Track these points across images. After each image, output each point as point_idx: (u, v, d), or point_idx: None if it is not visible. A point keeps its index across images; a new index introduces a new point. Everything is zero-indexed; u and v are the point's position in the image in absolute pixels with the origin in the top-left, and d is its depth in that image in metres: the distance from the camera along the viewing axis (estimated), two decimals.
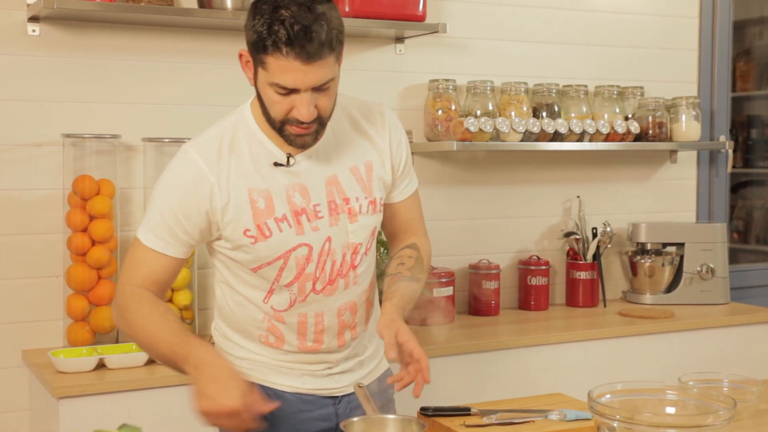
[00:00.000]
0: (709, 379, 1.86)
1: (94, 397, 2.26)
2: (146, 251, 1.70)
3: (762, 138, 4.51)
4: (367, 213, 1.78)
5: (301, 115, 1.61)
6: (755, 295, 3.72)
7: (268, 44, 1.55)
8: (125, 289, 1.70)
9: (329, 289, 1.77)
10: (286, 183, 1.71)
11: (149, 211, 1.72)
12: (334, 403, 1.84)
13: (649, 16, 3.52)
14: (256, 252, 1.71)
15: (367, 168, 1.79)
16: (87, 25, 2.66)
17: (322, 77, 1.59)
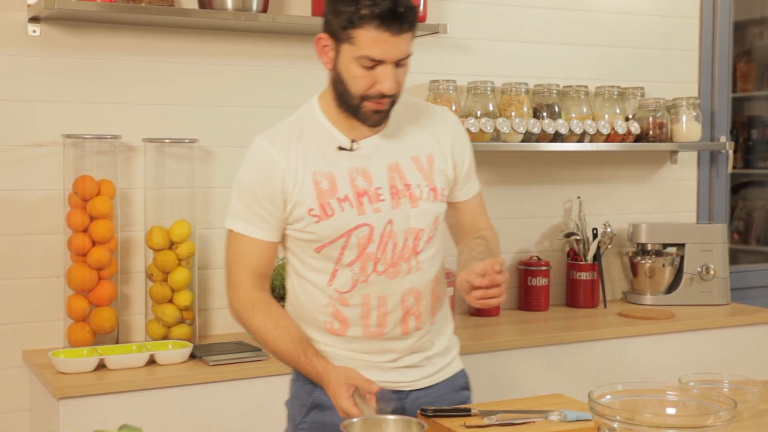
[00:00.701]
0: (709, 379, 1.86)
1: (95, 397, 2.26)
2: (243, 240, 1.83)
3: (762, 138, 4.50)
4: (428, 200, 1.85)
5: (385, 87, 1.73)
6: (756, 296, 3.72)
7: (358, 19, 1.68)
8: (237, 293, 1.84)
9: (391, 271, 1.83)
10: (349, 166, 1.81)
11: (233, 204, 1.85)
12: (401, 398, 1.88)
13: (650, 17, 3.52)
14: (319, 231, 1.79)
15: (428, 159, 1.87)
16: (87, 26, 2.66)
17: (405, 50, 1.74)
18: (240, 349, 2.54)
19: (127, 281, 2.73)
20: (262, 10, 2.72)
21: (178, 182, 2.72)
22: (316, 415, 1.88)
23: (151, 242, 2.65)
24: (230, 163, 2.86)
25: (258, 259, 1.83)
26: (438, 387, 1.93)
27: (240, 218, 1.83)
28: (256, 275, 1.84)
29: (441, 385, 1.94)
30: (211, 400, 2.38)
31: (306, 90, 2.93)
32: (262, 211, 1.81)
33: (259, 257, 1.83)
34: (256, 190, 1.81)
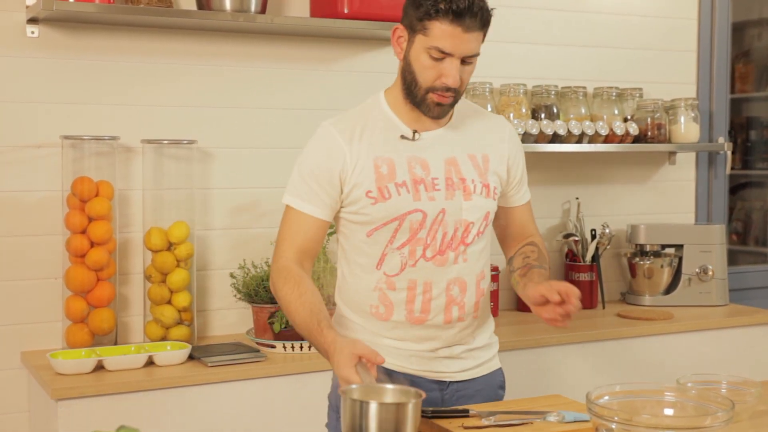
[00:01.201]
0: (707, 380, 1.86)
1: (93, 398, 2.26)
2: (296, 215, 1.90)
3: (761, 139, 4.51)
4: (481, 195, 1.93)
5: (449, 80, 1.82)
6: (754, 297, 3.72)
7: (435, 11, 1.79)
8: (278, 263, 1.90)
9: (439, 259, 1.90)
10: (409, 155, 1.90)
11: (293, 178, 1.93)
12: (441, 389, 1.94)
13: (648, 18, 3.52)
14: (374, 212, 1.87)
15: (484, 159, 1.97)
16: (86, 27, 2.66)
17: (473, 48, 1.84)
18: (238, 350, 2.54)
19: (126, 282, 2.73)
20: (260, 11, 2.72)
21: (176, 183, 2.72)
22: None
23: (150, 243, 2.65)
24: (229, 164, 2.86)
25: (305, 234, 1.90)
26: (478, 381, 1.99)
27: (297, 194, 1.91)
28: (301, 251, 1.90)
29: (481, 379, 2.00)
30: (209, 401, 2.38)
31: (305, 91, 2.95)
32: (319, 190, 1.88)
33: (307, 233, 1.90)
34: (316, 170, 1.89)
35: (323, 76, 2.98)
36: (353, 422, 1.57)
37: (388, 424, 1.56)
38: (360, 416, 1.56)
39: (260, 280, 2.64)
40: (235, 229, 2.88)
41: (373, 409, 1.56)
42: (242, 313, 2.85)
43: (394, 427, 1.56)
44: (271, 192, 2.90)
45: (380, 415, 1.55)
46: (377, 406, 1.56)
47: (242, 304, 2.78)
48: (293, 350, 2.58)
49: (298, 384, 2.48)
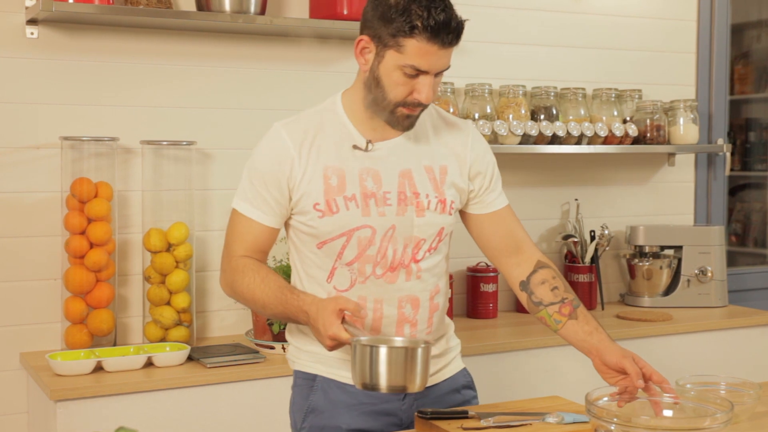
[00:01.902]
0: (706, 381, 1.86)
1: (92, 399, 2.26)
2: (244, 220, 1.84)
3: (760, 141, 4.51)
4: (435, 211, 1.85)
5: (422, 96, 1.75)
6: (753, 298, 3.72)
7: (410, 29, 1.69)
8: (231, 262, 1.84)
9: (389, 276, 1.83)
10: (361, 166, 1.82)
11: (243, 182, 1.85)
12: (400, 399, 1.88)
13: (647, 19, 3.52)
14: (321, 226, 1.80)
15: (441, 171, 1.87)
16: (85, 28, 2.66)
17: (447, 63, 1.77)
18: (237, 352, 2.54)
19: (125, 283, 2.73)
20: (259, 12, 2.72)
21: (175, 184, 2.72)
22: (314, 419, 1.88)
23: (149, 244, 2.65)
24: (228, 165, 2.86)
25: (255, 239, 1.84)
26: (437, 388, 1.93)
27: (245, 199, 1.84)
28: (252, 251, 1.84)
29: (440, 386, 1.94)
30: (208, 402, 2.38)
31: (304, 92, 2.95)
32: (267, 196, 1.82)
33: (256, 238, 1.84)
34: (265, 175, 1.82)
35: (322, 77, 2.98)
36: (363, 369, 1.57)
37: (398, 368, 1.56)
38: (371, 362, 1.56)
39: None
40: None
41: (383, 353, 1.56)
42: (241, 314, 2.85)
43: (403, 371, 1.57)
44: None
45: (391, 358, 1.56)
46: (388, 350, 1.56)
47: (241, 305, 2.77)
48: None
49: None
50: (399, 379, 1.57)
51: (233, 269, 1.83)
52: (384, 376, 1.56)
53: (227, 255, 1.86)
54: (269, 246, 1.87)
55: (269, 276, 1.79)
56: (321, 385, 1.87)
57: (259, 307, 1.80)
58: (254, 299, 1.79)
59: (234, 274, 1.82)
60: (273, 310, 1.78)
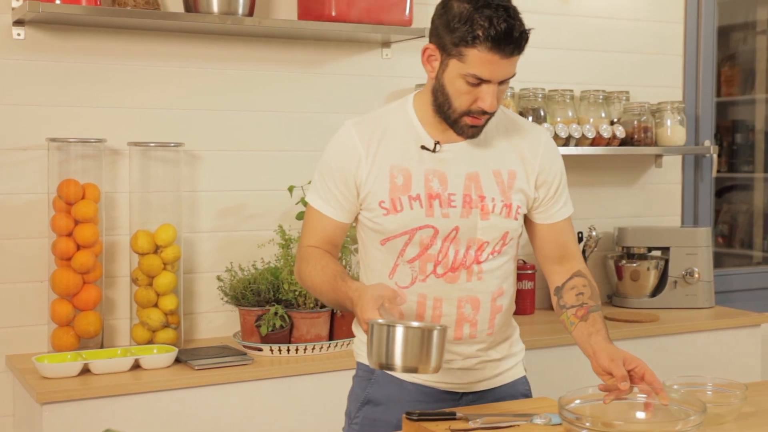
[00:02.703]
0: (693, 382, 1.87)
1: (79, 402, 2.25)
2: (315, 213, 1.89)
3: (746, 143, 4.53)
4: (500, 215, 1.86)
5: (486, 104, 1.75)
6: (739, 299, 3.74)
7: (472, 39, 1.70)
8: (300, 251, 1.91)
9: (450, 276, 1.85)
10: (427, 167, 1.84)
11: (315, 177, 1.91)
12: (454, 400, 1.91)
13: (635, 22, 3.54)
14: (386, 223, 1.83)
15: (510, 175, 1.88)
16: (72, 29, 2.65)
17: (511, 72, 1.77)
18: (225, 354, 2.53)
19: (112, 285, 2.72)
20: (248, 13, 2.71)
21: (163, 186, 2.71)
22: (369, 411, 1.91)
23: (136, 246, 2.64)
24: (216, 166, 2.86)
25: (324, 231, 1.89)
26: (496, 391, 1.95)
27: (317, 194, 1.89)
28: (323, 242, 1.89)
29: (500, 389, 1.96)
30: (196, 404, 2.38)
31: (292, 93, 2.95)
32: (336, 192, 1.86)
33: (325, 231, 1.89)
34: (334, 172, 1.86)
35: (311, 78, 2.98)
36: (379, 349, 1.59)
37: (413, 348, 1.58)
38: (387, 341, 1.58)
39: (247, 283, 2.64)
40: (222, 231, 2.87)
41: (399, 332, 1.58)
42: (229, 316, 2.84)
43: (419, 351, 1.58)
44: (258, 195, 2.90)
45: (406, 338, 1.58)
46: (404, 329, 1.58)
47: (229, 307, 2.77)
48: (280, 353, 2.58)
49: (284, 387, 2.48)
50: (413, 359, 1.59)
51: (301, 258, 1.89)
52: (399, 356, 1.58)
53: (300, 245, 1.92)
54: (340, 239, 1.91)
55: (329, 264, 1.83)
56: (379, 379, 1.91)
57: (318, 293, 1.85)
58: (314, 286, 1.84)
59: (301, 263, 1.88)
60: (328, 297, 1.82)
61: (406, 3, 2.86)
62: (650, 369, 1.74)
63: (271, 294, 2.62)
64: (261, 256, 2.82)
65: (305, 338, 2.60)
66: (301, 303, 2.60)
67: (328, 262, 1.83)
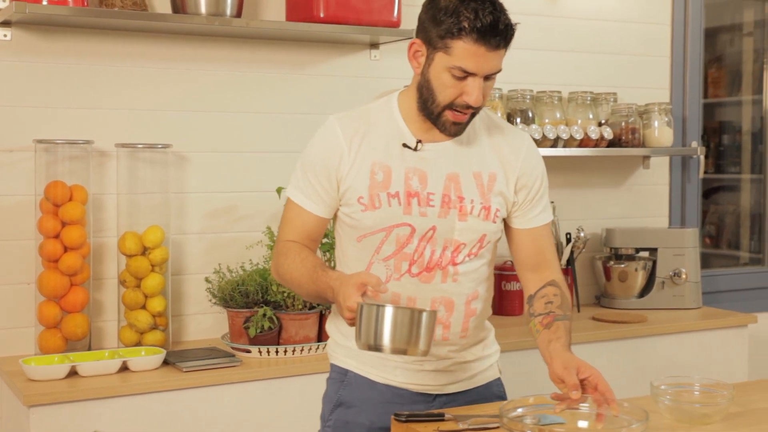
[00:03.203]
0: (681, 383, 1.87)
1: (66, 404, 2.24)
2: (295, 208, 1.88)
3: (733, 144, 4.55)
4: (479, 217, 1.86)
5: (471, 98, 1.75)
6: (727, 300, 3.75)
7: (458, 30, 1.71)
8: (278, 246, 1.90)
9: (425, 276, 1.84)
10: (408, 165, 1.84)
11: (296, 171, 1.90)
12: (427, 401, 1.91)
13: (622, 23, 3.55)
14: (363, 219, 1.83)
15: (490, 178, 1.88)
16: (59, 30, 2.64)
17: (497, 66, 1.79)
18: (213, 355, 2.52)
19: (100, 287, 2.71)
20: (236, 15, 2.71)
21: (151, 188, 2.70)
22: (341, 413, 1.91)
23: (124, 248, 2.63)
24: (204, 168, 2.85)
25: (304, 226, 1.88)
26: (470, 393, 1.95)
27: (298, 188, 1.88)
28: (302, 237, 1.88)
29: (473, 391, 1.96)
30: (184, 406, 2.37)
31: (280, 95, 2.95)
32: (318, 187, 1.85)
33: (305, 225, 1.88)
34: (316, 166, 1.86)
35: (299, 80, 2.97)
36: (368, 329, 1.58)
37: (402, 328, 1.58)
38: (375, 322, 1.58)
39: (235, 284, 2.63)
40: (210, 233, 2.87)
41: (388, 313, 1.58)
42: (217, 317, 2.84)
43: (408, 333, 1.58)
44: (246, 196, 2.90)
45: (395, 319, 1.58)
46: (393, 310, 1.58)
47: (217, 308, 2.77)
48: (269, 355, 2.57)
49: (273, 389, 2.47)
50: (402, 340, 1.59)
51: (279, 252, 1.88)
52: (388, 337, 1.58)
53: (277, 240, 1.91)
54: (319, 234, 1.90)
55: (309, 257, 1.83)
56: (352, 381, 1.91)
57: (296, 286, 1.84)
58: (292, 279, 1.83)
59: (279, 257, 1.87)
60: (307, 289, 1.81)
61: (394, 4, 2.86)
62: (604, 379, 1.74)
63: (260, 295, 2.61)
64: (249, 258, 2.81)
65: (294, 340, 2.60)
66: (289, 304, 2.60)
67: (307, 255, 1.83)
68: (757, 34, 4.22)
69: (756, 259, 4.15)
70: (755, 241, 4.21)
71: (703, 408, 1.77)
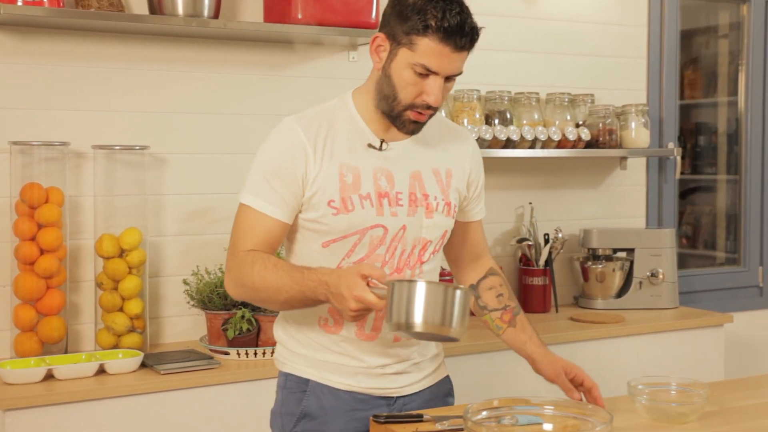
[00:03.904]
0: (657, 382, 1.89)
1: (42, 408, 2.22)
2: (255, 215, 1.78)
3: (709, 145, 4.59)
4: (442, 213, 1.88)
5: (431, 98, 1.75)
6: (703, 300, 3.78)
7: (424, 27, 1.70)
8: (237, 256, 1.77)
9: (396, 276, 1.83)
10: (375, 166, 1.82)
11: (253, 177, 1.80)
12: (389, 404, 1.90)
13: (600, 25, 3.57)
14: (334, 224, 1.79)
15: (447, 174, 1.90)
16: (35, 31, 2.62)
17: (459, 67, 1.77)
18: (191, 358, 2.51)
19: (77, 290, 2.70)
20: (213, 16, 2.70)
21: (128, 190, 2.69)
22: (306, 425, 1.87)
23: (101, 250, 2.61)
24: (182, 170, 2.84)
25: (267, 234, 1.78)
26: (424, 393, 1.95)
27: (256, 194, 1.79)
28: (263, 246, 1.78)
29: (427, 390, 1.96)
30: (162, 409, 2.36)
31: (258, 96, 2.94)
32: (282, 190, 1.78)
33: (269, 233, 1.78)
34: (280, 169, 1.78)
35: (277, 81, 2.97)
36: (399, 308, 1.50)
37: (436, 306, 1.49)
38: (407, 299, 1.50)
39: (214, 286, 2.62)
40: (188, 235, 2.85)
41: (421, 288, 1.50)
42: (195, 319, 2.82)
43: (442, 311, 1.50)
44: (224, 198, 2.89)
45: (429, 294, 1.50)
46: (426, 285, 1.50)
47: (195, 310, 2.76)
48: (247, 357, 2.56)
49: (252, 391, 2.47)
50: (437, 318, 1.50)
51: (240, 263, 1.76)
52: (420, 314, 1.49)
53: (233, 252, 1.79)
54: (280, 242, 1.82)
55: (280, 262, 1.75)
56: (314, 390, 1.87)
57: (272, 292, 1.72)
58: (266, 286, 1.72)
59: (242, 267, 1.75)
60: (288, 293, 1.70)
61: (372, 5, 2.86)
62: (588, 375, 1.84)
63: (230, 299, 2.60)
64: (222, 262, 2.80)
65: (272, 342, 2.59)
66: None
67: (278, 260, 1.75)
68: (732, 37, 4.26)
69: (732, 259, 4.18)
70: (731, 241, 4.24)
71: (680, 407, 1.78)
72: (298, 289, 1.70)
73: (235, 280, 1.79)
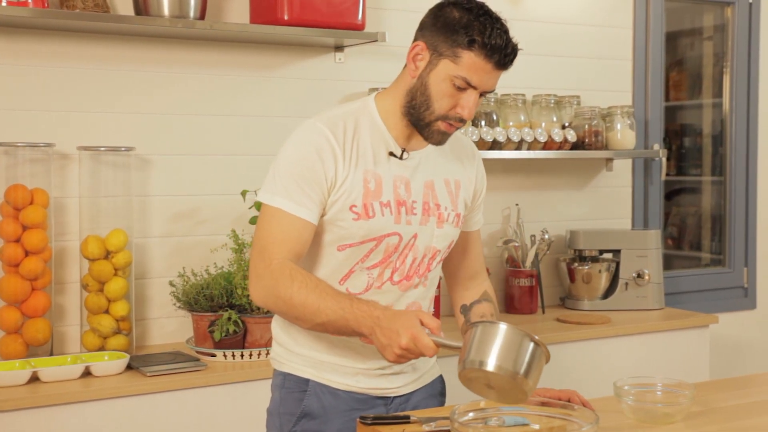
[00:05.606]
0: (643, 383, 1.89)
1: (28, 411, 2.21)
2: (287, 218, 1.73)
3: (694, 146, 4.61)
4: (452, 224, 1.90)
5: (465, 112, 1.77)
6: (689, 300, 3.80)
7: (470, 42, 1.72)
8: (270, 266, 1.71)
9: (405, 283, 1.86)
10: (395, 174, 1.83)
11: (279, 178, 1.76)
12: (386, 404, 1.92)
13: (585, 27, 3.58)
14: (354, 229, 1.78)
15: (456, 185, 1.93)
16: (20, 32, 2.61)
17: (494, 85, 1.80)
18: (178, 360, 2.51)
19: (62, 292, 2.68)
20: (199, 17, 2.69)
21: (114, 191, 2.68)
22: (306, 425, 1.88)
23: (87, 252, 2.60)
24: (168, 171, 2.83)
25: (298, 238, 1.74)
26: (419, 392, 1.97)
27: (288, 196, 1.74)
28: (293, 253, 1.74)
29: (422, 390, 1.98)
30: (148, 411, 2.35)
31: (244, 97, 2.94)
32: (311, 192, 1.75)
33: (299, 237, 1.74)
34: (310, 170, 1.75)
35: (263, 82, 2.96)
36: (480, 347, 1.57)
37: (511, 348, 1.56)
38: (488, 338, 1.57)
39: (200, 288, 2.62)
40: (174, 236, 2.85)
41: (502, 329, 1.57)
42: (182, 321, 2.82)
43: (515, 357, 1.57)
44: (210, 199, 2.88)
45: (507, 337, 1.57)
46: (507, 327, 1.58)
47: (182, 312, 2.75)
48: (234, 359, 2.56)
49: (238, 393, 2.46)
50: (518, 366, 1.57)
51: (276, 274, 1.70)
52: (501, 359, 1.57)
53: (264, 259, 1.73)
54: (308, 246, 1.78)
55: (322, 282, 1.71)
56: (314, 390, 1.88)
57: (310, 312, 1.68)
58: (304, 304, 1.68)
59: (279, 278, 1.70)
60: (329, 316, 1.67)
61: (358, 7, 2.86)
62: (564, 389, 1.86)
63: (224, 299, 2.60)
64: (214, 261, 2.79)
65: (259, 343, 2.59)
66: (254, 308, 2.59)
67: (319, 280, 1.72)
68: (716, 39, 4.28)
69: (717, 260, 4.21)
70: (716, 242, 4.26)
71: (666, 408, 1.79)
72: (342, 315, 1.67)
73: (268, 289, 1.72)
